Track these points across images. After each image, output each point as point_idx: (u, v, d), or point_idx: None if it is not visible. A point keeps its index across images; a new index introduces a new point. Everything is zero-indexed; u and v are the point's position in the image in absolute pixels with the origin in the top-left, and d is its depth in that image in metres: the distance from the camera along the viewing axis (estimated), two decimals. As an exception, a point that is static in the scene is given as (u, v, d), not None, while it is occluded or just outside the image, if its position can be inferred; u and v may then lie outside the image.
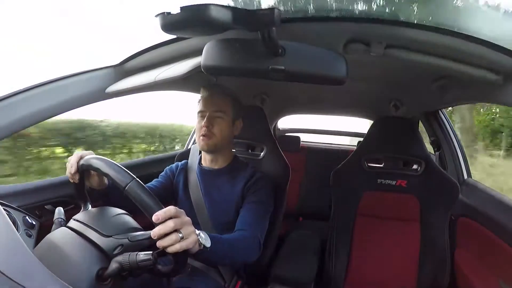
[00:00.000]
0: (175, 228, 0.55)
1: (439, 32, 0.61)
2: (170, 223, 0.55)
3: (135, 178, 0.60)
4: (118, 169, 0.61)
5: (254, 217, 0.91)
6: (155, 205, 0.57)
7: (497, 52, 0.62)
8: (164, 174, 1.08)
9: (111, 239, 0.60)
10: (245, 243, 0.84)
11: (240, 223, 0.90)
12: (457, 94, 1.02)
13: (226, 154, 1.03)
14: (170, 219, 0.56)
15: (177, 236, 0.55)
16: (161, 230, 0.55)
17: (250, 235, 0.86)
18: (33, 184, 0.95)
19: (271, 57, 0.58)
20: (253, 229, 0.88)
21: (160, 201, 0.60)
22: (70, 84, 0.75)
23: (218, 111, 0.96)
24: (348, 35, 0.66)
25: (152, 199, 0.58)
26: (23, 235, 0.68)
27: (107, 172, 0.62)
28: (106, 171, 0.62)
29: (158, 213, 0.55)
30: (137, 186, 0.59)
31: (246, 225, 0.89)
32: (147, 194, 0.58)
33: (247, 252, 0.85)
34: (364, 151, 1.27)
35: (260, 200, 0.95)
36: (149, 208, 0.57)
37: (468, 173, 1.37)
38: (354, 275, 1.20)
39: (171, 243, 0.55)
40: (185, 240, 0.56)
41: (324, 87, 1.29)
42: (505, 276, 0.96)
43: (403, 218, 1.21)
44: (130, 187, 0.58)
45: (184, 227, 0.57)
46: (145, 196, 0.58)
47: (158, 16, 0.51)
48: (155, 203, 0.58)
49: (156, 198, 0.59)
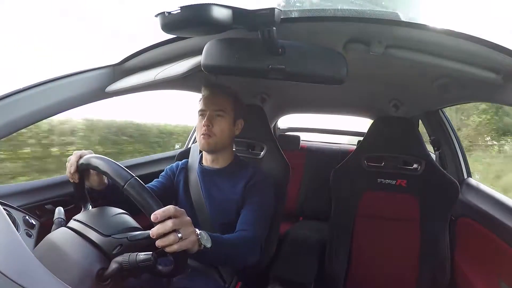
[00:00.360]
0: (174, 228, 0.55)
1: (439, 32, 0.60)
2: (169, 223, 0.55)
3: (134, 176, 0.59)
4: (117, 167, 0.61)
5: (255, 218, 0.91)
6: (154, 204, 0.57)
7: (497, 52, 0.62)
8: (165, 174, 1.08)
9: (110, 239, 0.60)
10: (246, 244, 0.84)
11: (241, 224, 0.90)
12: (457, 93, 1.02)
13: (227, 154, 1.03)
14: (169, 219, 0.55)
15: (175, 236, 0.55)
16: (160, 229, 0.54)
17: (251, 236, 0.86)
18: (33, 183, 0.95)
19: (271, 56, 0.58)
20: (254, 230, 0.88)
21: (160, 201, 0.59)
22: (70, 83, 0.75)
23: (219, 110, 0.96)
24: (348, 35, 0.66)
25: (151, 198, 0.57)
26: (23, 235, 0.68)
27: (106, 170, 0.62)
28: (105, 169, 0.62)
29: (157, 212, 0.55)
30: (136, 184, 0.58)
31: (247, 225, 0.89)
32: (146, 192, 0.58)
33: (248, 254, 0.85)
34: (364, 151, 1.27)
35: (261, 201, 0.95)
36: (148, 207, 0.56)
37: (468, 172, 1.37)
38: (354, 275, 1.20)
39: (170, 243, 0.55)
40: (184, 241, 0.56)
41: (324, 87, 1.29)
42: (505, 276, 0.96)
43: (403, 217, 1.21)
44: (129, 185, 0.58)
45: (184, 227, 0.57)
46: (144, 194, 0.57)
47: (158, 16, 0.51)
48: (154, 202, 0.57)
49: (155, 197, 0.58)
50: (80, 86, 0.76)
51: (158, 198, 0.59)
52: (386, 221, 1.22)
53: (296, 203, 2.06)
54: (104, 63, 0.83)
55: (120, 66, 0.84)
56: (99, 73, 0.80)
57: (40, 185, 0.95)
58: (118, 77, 0.83)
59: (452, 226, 1.19)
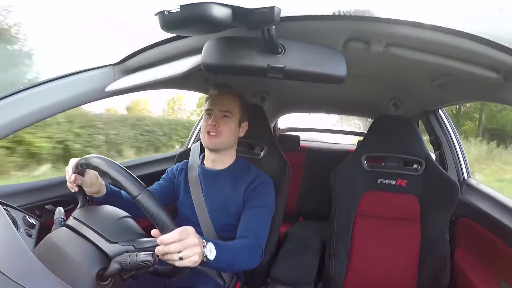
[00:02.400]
0: (176, 251, 0.58)
1: (439, 30, 0.60)
2: (171, 247, 0.58)
3: (146, 188, 0.61)
4: (130, 177, 0.61)
5: (256, 223, 0.91)
6: (166, 218, 0.59)
7: (498, 51, 0.61)
8: (165, 177, 1.08)
9: (116, 246, 0.60)
10: (247, 252, 0.84)
11: (243, 230, 0.90)
12: (457, 92, 1.02)
13: (229, 155, 1.03)
14: (174, 243, 0.58)
15: (176, 256, 0.59)
16: (162, 251, 0.59)
17: (253, 243, 0.86)
18: (33, 183, 0.95)
19: (270, 55, 0.58)
20: (255, 236, 0.88)
21: (161, 201, 0.60)
22: (70, 83, 0.75)
23: (225, 111, 0.96)
24: (348, 34, 0.66)
25: (162, 212, 0.59)
26: (23, 235, 0.68)
27: (117, 179, 0.62)
28: (117, 177, 0.62)
29: (163, 238, 0.58)
30: (149, 196, 0.60)
31: (249, 232, 0.88)
32: (158, 206, 0.60)
33: (249, 260, 0.85)
34: (364, 150, 1.27)
35: (262, 205, 0.95)
36: (160, 220, 0.59)
37: (468, 173, 1.37)
38: (354, 275, 1.20)
39: (171, 260, 0.60)
40: (183, 261, 0.59)
41: (324, 86, 1.29)
42: (505, 276, 0.96)
43: (403, 218, 1.21)
44: (142, 196, 0.59)
45: (186, 250, 0.59)
46: (156, 208, 0.59)
47: (158, 14, 0.51)
48: (165, 216, 0.59)
49: (166, 210, 0.60)
50: (80, 86, 0.76)
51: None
52: (386, 221, 1.22)
53: (296, 203, 2.05)
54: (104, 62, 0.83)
55: (120, 66, 0.84)
56: (99, 73, 0.80)
57: (40, 185, 0.95)
58: (118, 76, 0.83)
59: (452, 226, 1.18)
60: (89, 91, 0.77)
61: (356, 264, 1.21)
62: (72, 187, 0.73)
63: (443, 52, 0.68)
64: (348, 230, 1.22)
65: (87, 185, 0.75)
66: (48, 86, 0.72)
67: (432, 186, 1.18)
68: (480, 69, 0.69)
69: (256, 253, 0.86)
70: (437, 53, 0.68)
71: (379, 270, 1.19)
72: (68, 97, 0.74)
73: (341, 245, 1.22)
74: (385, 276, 1.19)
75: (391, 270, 1.18)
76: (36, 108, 0.69)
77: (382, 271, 1.19)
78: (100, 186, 0.79)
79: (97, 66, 0.81)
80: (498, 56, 0.62)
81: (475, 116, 12.11)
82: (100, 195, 0.80)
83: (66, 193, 0.96)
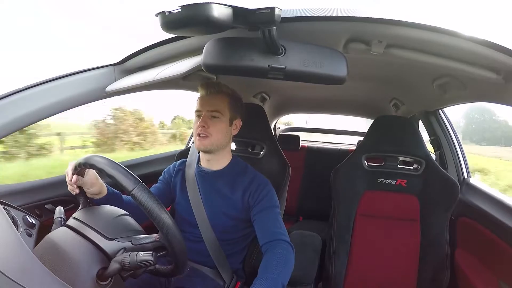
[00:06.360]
0: None
1: (440, 32, 0.60)
2: None
3: (141, 182, 0.61)
4: (125, 172, 0.61)
5: (273, 223, 0.91)
6: (160, 210, 0.59)
7: (498, 52, 0.62)
8: (162, 178, 1.07)
9: (114, 242, 0.60)
10: (286, 259, 0.83)
11: (265, 234, 0.88)
12: (457, 93, 1.02)
13: (224, 155, 1.02)
14: None
15: None
16: None
17: (283, 247, 0.85)
18: (33, 183, 0.95)
19: (271, 56, 0.58)
20: (280, 236, 0.87)
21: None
22: (70, 83, 0.75)
23: (214, 111, 0.94)
24: (349, 34, 0.66)
25: (157, 205, 0.60)
26: (23, 234, 0.68)
27: (112, 174, 0.62)
28: (112, 173, 0.62)
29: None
30: (144, 190, 0.60)
31: (271, 234, 0.87)
32: (153, 199, 0.60)
33: (291, 262, 0.84)
34: (364, 150, 1.27)
35: (271, 205, 0.94)
36: (155, 213, 0.59)
37: (468, 173, 1.37)
38: (354, 275, 1.20)
39: None
40: None
41: (324, 87, 1.29)
42: (505, 276, 0.96)
43: (403, 217, 1.21)
44: (137, 190, 0.59)
45: None
46: (151, 201, 0.59)
47: (158, 15, 0.51)
48: (160, 209, 0.59)
49: (161, 204, 0.60)
50: (80, 86, 0.76)
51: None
52: (386, 221, 1.22)
53: (296, 203, 2.06)
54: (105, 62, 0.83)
55: (120, 66, 0.84)
56: (99, 73, 0.80)
57: (40, 185, 0.95)
58: (119, 76, 0.83)
59: (452, 226, 1.19)
60: (89, 91, 0.77)
61: (356, 264, 1.21)
62: (73, 189, 0.73)
63: (443, 53, 0.68)
64: (348, 230, 1.23)
65: (87, 185, 0.75)
66: (48, 86, 0.72)
67: (432, 186, 1.18)
68: (480, 70, 0.69)
69: (289, 252, 0.85)
70: (437, 54, 0.68)
71: (379, 269, 1.19)
72: (68, 97, 0.74)
73: (341, 244, 1.22)
74: (385, 275, 1.19)
75: (391, 270, 1.18)
76: (36, 108, 0.69)
77: (382, 271, 1.19)
78: (100, 186, 0.79)
79: (98, 66, 0.81)
80: (498, 57, 0.62)
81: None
82: (101, 196, 0.80)
83: (66, 192, 0.96)
